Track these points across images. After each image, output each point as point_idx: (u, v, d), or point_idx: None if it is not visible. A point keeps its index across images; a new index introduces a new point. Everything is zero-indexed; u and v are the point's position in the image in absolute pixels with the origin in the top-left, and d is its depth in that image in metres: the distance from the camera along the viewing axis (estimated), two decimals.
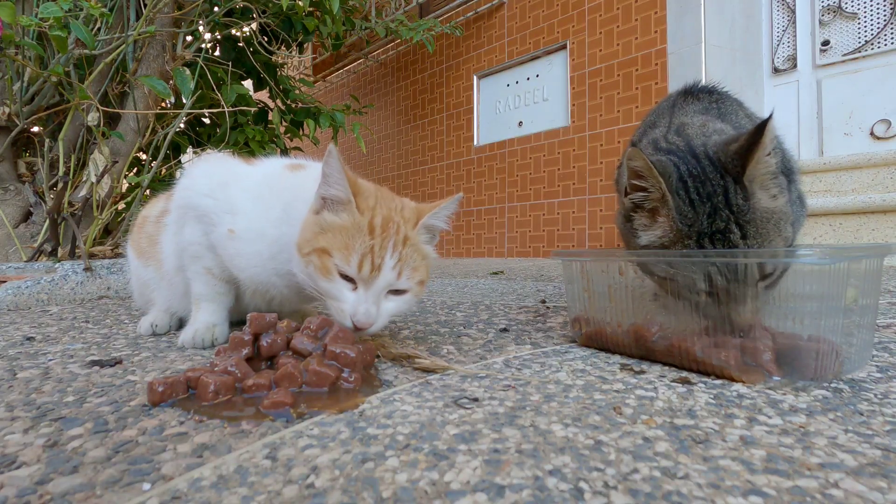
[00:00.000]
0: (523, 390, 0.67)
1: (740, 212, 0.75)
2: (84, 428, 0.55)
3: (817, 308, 0.69)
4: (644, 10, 3.30)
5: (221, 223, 0.92)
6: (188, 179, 0.99)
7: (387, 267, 0.77)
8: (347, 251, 0.76)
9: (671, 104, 1.09)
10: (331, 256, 0.77)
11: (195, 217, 0.95)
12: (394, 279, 0.78)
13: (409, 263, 0.79)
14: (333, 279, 0.78)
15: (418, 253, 0.82)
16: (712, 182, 0.77)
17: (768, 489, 0.41)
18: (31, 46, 1.74)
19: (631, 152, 0.79)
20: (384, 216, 0.79)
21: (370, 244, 0.76)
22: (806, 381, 0.67)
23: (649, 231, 0.82)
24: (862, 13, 2.83)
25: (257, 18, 2.77)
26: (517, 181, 4.16)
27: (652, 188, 0.79)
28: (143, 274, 1.17)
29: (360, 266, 0.76)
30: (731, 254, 0.72)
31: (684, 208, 0.77)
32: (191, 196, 0.96)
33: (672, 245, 0.79)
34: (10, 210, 2.06)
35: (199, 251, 0.97)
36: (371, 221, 0.78)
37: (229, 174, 0.97)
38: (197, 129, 2.94)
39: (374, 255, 0.76)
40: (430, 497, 0.40)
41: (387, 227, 0.78)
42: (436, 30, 4.00)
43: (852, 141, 2.87)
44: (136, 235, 1.20)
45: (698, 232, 0.76)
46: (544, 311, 1.34)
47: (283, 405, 0.60)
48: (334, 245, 0.77)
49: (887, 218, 2.41)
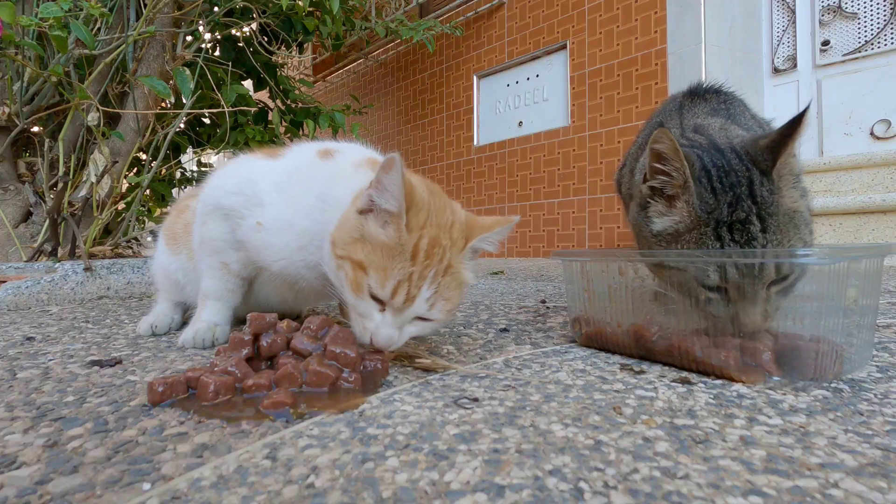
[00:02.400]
0: (523, 390, 0.67)
1: (764, 204, 0.73)
2: (84, 428, 0.55)
3: (817, 308, 0.69)
4: (644, 10, 3.30)
5: (250, 216, 0.91)
6: (218, 179, 1.00)
7: (421, 298, 0.72)
8: (384, 274, 0.71)
9: (678, 106, 1.08)
10: (366, 274, 0.72)
11: (222, 215, 0.95)
12: (424, 311, 0.74)
13: (444, 294, 0.75)
14: (364, 297, 0.73)
15: (456, 281, 0.77)
16: (737, 173, 0.75)
17: (768, 489, 0.41)
18: (31, 46, 1.74)
19: (657, 133, 0.75)
20: (431, 238, 0.73)
21: (409, 272, 0.71)
22: (806, 381, 0.67)
23: (665, 217, 0.79)
24: (862, 13, 2.83)
25: (257, 18, 2.77)
26: (517, 181, 4.16)
27: (675, 172, 0.76)
28: (171, 263, 1.15)
29: (395, 294, 0.71)
30: (730, 253, 0.71)
31: (706, 195, 0.75)
32: (219, 195, 0.96)
33: (686, 232, 0.76)
34: (10, 210, 2.05)
35: (220, 246, 0.97)
36: (417, 244, 0.72)
37: (257, 171, 0.97)
38: (197, 129, 2.94)
39: (412, 284, 0.71)
40: (430, 497, 0.40)
41: (431, 253, 0.73)
42: (436, 30, 3.99)
43: (852, 141, 2.86)
44: (171, 222, 1.19)
45: (717, 220, 0.74)
46: (544, 311, 1.33)
47: (282, 405, 0.60)
48: (373, 263, 0.72)
49: (887, 218, 2.41)
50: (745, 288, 0.70)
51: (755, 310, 0.70)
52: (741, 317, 0.71)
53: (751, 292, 0.70)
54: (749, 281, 0.70)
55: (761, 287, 0.70)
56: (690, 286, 0.74)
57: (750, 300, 0.70)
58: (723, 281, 0.71)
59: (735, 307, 0.71)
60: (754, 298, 0.70)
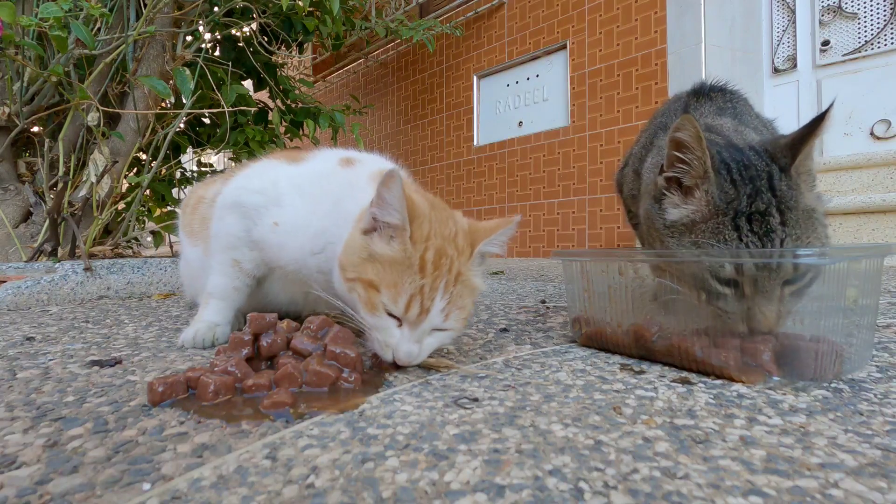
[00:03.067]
0: (523, 390, 0.67)
1: (784, 197, 0.72)
2: (84, 428, 0.55)
3: (817, 308, 0.69)
4: (644, 10, 3.30)
5: (268, 215, 0.93)
6: (242, 179, 1.02)
7: (435, 309, 0.73)
8: (396, 290, 0.72)
9: (683, 105, 1.07)
10: (378, 292, 0.73)
11: (241, 212, 0.97)
12: (440, 322, 0.75)
13: (458, 303, 0.76)
14: (380, 315, 0.74)
15: (468, 289, 0.78)
16: (757, 168, 0.74)
17: (768, 489, 0.41)
18: (31, 46, 1.74)
19: (680, 121, 0.73)
20: (437, 249, 0.74)
21: (420, 284, 0.72)
22: (806, 381, 0.67)
23: (680, 208, 0.78)
24: (862, 13, 2.83)
25: (257, 18, 2.77)
26: (517, 181, 4.16)
27: (696, 161, 0.75)
28: (192, 255, 1.18)
29: (408, 307, 0.72)
30: (733, 253, 0.71)
31: (726, 185, 0.74)
32: (240, 193, 0.98)
33: (703, 222, 0.75)
34: (10, 210, 2.05)
35: (234, 243, 0.98)
36: (423, 256, 0.73)
37: (280, 173, 0.99)
38: (197, 129, 2.94)
39: (424, 297, 0.72)
40: (430, 497, 0.40)
41: (439, 264, 0.74)
42: (436, 30, 3.99)
43: (852, 141, 2.86)
44: (188, 217, 1.21)
45: (735, 210, 0.72)
46: (544, 311, 1.33)
47: (282, 405, 0.60)
48: (383, 281, 0.73)
49: (887, 218, 2.41)
50: (762, 282, 0.68)
51: (770, 307, 0.68)
52: (755, 312, 0.69)
53: (767, 287, 0.68)
54: (765, 275, 0.68)
55: (777, 283, 0.68)
56: (702, 279, 0.72)
57: (765, 296, 0.68)
58: (738, 274, 0.69)
59: (748, 303, 0.70)
60: (770, 295, 0.68)
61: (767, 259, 0.68)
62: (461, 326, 0.79)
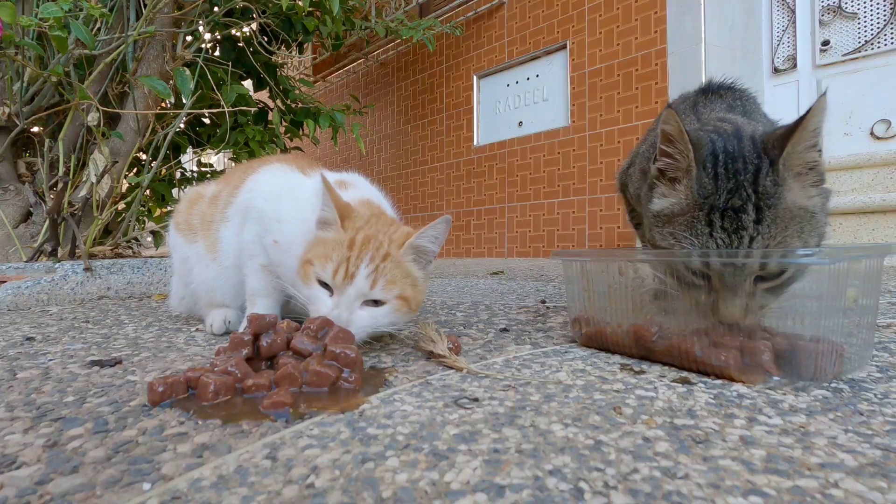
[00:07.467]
0: (523, 390, 0.67)
1: (764, 195, 0.71)
2: (84, 428, 0.55)
3: (817, 308, 0.69)
4: (644, 10, 3.30)
5: (271, 230, 0.99)
6: (254, 183, 1.07)
7: (360, 276, 0.82)
8: (326, 260, 0.84)
9: (692, 104, 1.06)
10: (312, 265, 0.85)
11: (255, 218, 1.02)
12: (367, 289, 0.83)
13: (386, 276, 0.84)
14: (312, 285, 0.85)
15: (400, 269, 0.86)
16: (746, 160, 0.74)
17: (768, 489, 0.41)
18: (31, 46, 1.74)
19: (665, 114, 0.75)
20: (367, 235, 0.87)
21: (347, 255, 0.84)
22: (806, 381, 0.67)
23: (664, 199, 0.79)
24: (862, 13, 2.83)
25: (257, 18, 2.77)
26: (517, 181, 4.16)
27: (679, 155, 0.76)
28: (188, 251, 1.19)
29: (335, 273, 0.83)
30: (732, 253, 0.71)
31: (705, 180, 0.74)
32: (253, 198, 1.04)
33: (680, 215, 0.76)
34: (10, 210, 2.05)
35: (255, 250, 1.04)
36: (353, 238, 0.86)
37: (287, 184, 1.04)
38: (197, 129, 2.94)
39: (350, 264, 0.83)
40: (430, 497, 0.40)
41: (367, 244, 0.85)
42: (436, 29, 3.99)
43: (852, 141, 2.86)
44: (184, 212, 1.22)
45: (711, 205, 0.73)
46: (544, 311, 1.33)
47: (282, 405, 0.60)
48: (316, 255, 0.85)
49: (887, 218, 2.41)
50: (728, 278, 0.69)
51: (734, 301, 0.69)
52: (719, 306, 0.70)
53: (731, 283, 0.69)
54: (731, 270, 0.69)
55: (743, 279, 0.69)
56: (677, 270, 0.74)
57: (730, 290, 0.69)
58: (706, 268, 0.71)
59: (715, 295, 0.71)
60: (735, 290, 0.69)
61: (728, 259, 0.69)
62: (398, 304, 0.85)
